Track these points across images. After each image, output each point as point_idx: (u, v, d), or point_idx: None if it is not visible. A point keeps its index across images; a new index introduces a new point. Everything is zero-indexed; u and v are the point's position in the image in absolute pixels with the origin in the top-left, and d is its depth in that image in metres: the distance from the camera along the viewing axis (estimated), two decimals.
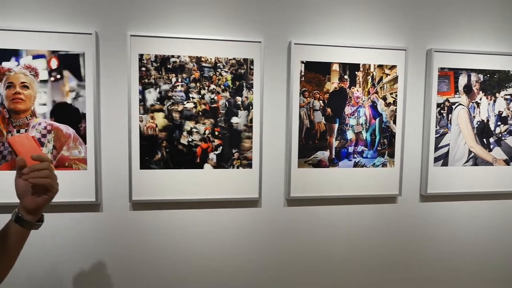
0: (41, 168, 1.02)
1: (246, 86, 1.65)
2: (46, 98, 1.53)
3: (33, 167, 1.01)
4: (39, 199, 1.03)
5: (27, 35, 1.49)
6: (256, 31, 1.66)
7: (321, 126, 1.73)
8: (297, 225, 1.77)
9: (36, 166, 1.01)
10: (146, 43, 1.56)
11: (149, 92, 1.59)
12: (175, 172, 1.63)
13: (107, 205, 1.62)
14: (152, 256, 1.66)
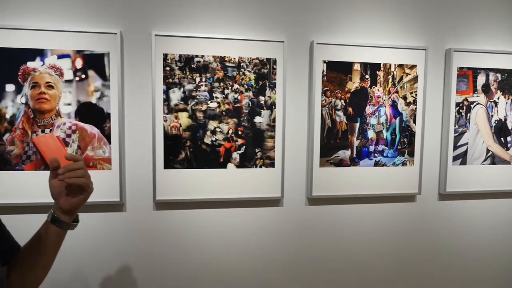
0: (76, 168, 1.01)
1: (269, 86, 1.66)
2: (71, 98, 1.52)
3: (67, 167, 1.01)
4: (74, 200, 1.02)
5: (52, 34, 1.48)
6: (279, 31, 1.66)
7: (343, 125, 1.74)
8: (318, 223, 1.78)
9: (70, 166, 1.01)
10: (170, 43, 1.56)
11: (173, 91, 1.59)
12: (198, 172, 1.63)
13: (131, 205, 1.62)
14: (176, 256, 1.66)
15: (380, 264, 1.85)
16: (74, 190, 1.01)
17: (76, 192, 1.02)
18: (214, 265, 1.70)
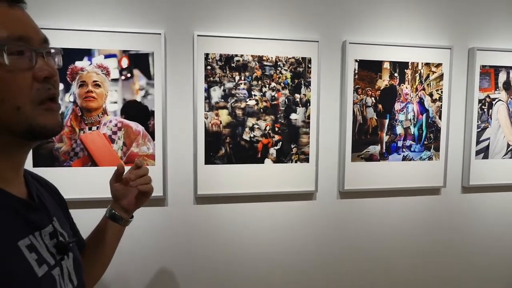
0: (144, 174, 1.06)
1: (304, 84, 1.72)
2: (117, 96, 1.57)
3: (137, 173, 1.05)
4: (139, 202, 1.08)
5: (99, 35, 1.53)
6: (313, 31, 1.73)
7: (373, 121, 1.81)
8: (349, 216, 1.85)
9: (140, 172, 1.05)
10: (211, 43, 1.62)
11: (214, 90, 1.64)
12: (237, 167, 1.69)
13: (172, 199, 1.67)
14: (215, 247, 1.72)
15: (407, 254, 1.93)
16: (139, 193, 1.07)
17: (140, 195, 1.07)
18: (251, 256, 1.76)
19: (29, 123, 0.62)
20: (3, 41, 0.59)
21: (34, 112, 0.63)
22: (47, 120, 0.65)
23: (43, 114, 0.64)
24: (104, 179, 1.57)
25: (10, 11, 0.62)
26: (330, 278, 1.85)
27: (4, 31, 0.60)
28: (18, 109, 0.61)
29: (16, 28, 0.62)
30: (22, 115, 0.61)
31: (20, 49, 0.61)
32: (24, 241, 0.64)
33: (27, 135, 0.64)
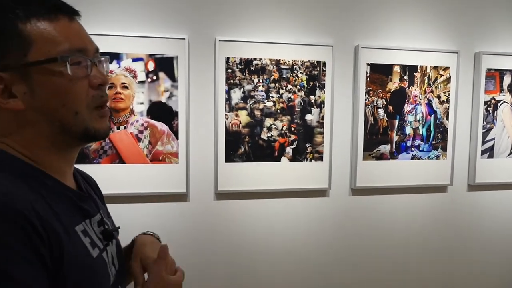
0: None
1: (318, 86, 1.82)
2: (143, 97, 1.67)
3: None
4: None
5: (127, 40, 1.63)
6: (328, 36, 1.82)
7: (383, 122, 1.90)
8: (361, 212, 1.94)
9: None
10: (232, 47, 1.72)
11: (234, 92, 1.74)
12: (255, 165, 1.78)
13: (194, 195, 1.76)
14: (234, 241, 1.82)
15: (415, 249, 2.02)
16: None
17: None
18: (266, 249, 1.85)
19: (85, 126, 0.70)
20: (66, 53, 0.66)
21: (90, 117, 0.70)
22: (100, 125, 0.73)
23: (97, 120, 0.72)
24: (130, 175, 1.67)
25: (71, 25, 0.70)
26: (343, 271, 1.94)
27: (67, 44, 0.67)
28: (76, 114, 0.68)
29: (76, 41, 0.69)
30: (79, 119, 0.69)
31: (79, 60, 0.68)
32: (79, 227, 0.73)
33: (82, 137, 0.72)
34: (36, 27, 0.64)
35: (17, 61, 0.63)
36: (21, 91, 0.64)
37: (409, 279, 2.02)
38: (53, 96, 0.66)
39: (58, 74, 0.65)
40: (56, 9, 0.67)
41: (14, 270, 0.55)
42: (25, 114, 0.66)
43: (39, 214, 0.60)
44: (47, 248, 0.60)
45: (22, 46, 0.63)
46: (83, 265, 0.68)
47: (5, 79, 0.63)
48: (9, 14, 0.63)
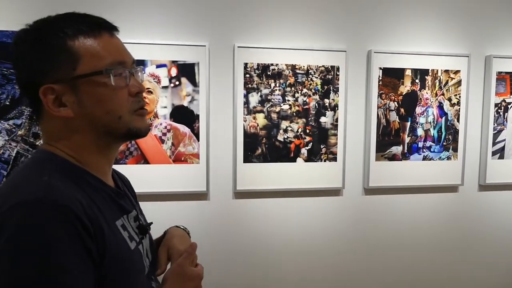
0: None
1: (333, 90, 1.89)
2: (167, 101, 1.77)
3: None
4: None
5: (152, 47, 1.73)
6: (341, 42, 1.90)
7: (395, 124, 1.97)
8: (373, 211, 2.01)
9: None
10: (250, 53, 1.81)
11: (252, 95, 1.83)
12: (272, 165, 1.87)
13: (214, 194, 1.86)
14: (251, 238, 1.90)
15: (426, 247, 2.08)
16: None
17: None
18: (282, 247, 1.93)
19: (128, 127, 0.79)
20: (110, 66, 0.75)
21: (131, 119, 0.79)
22: (141, 124, 0.82)
23: (137, 120, 0.81)
24: (154, 175, 1.77)
25: (111, 40, 0.78)
26: (356, 268, 2.01)
27: (110, 58, 0.75)
28: (119, 118, 0.77)
29: (117, 54, 0.77)
30: (122, 122, 0.78)
31: (120, 72, 0.77)
32: (119, 222, 0.81)
33: (125, 137, 0.82)
34: (83, 43, 0.73)
35: (67, 74, 0.71)
36: (71, 100, 0.73)
37: (420, 278, 2.08)
38: (98, 104, 0.75)
39: (102, 85, 0.74)
40: (98, 26, 0.76)
41: (67, 262, 0.62)
42: (73, 121, 0.74)
43: (86, 210, 0.67)
44: (93, 242, 0.67)
45: (72, 61, 0.72)
46: (124, 257, 0.76)
47: (56, 90, 0.71)
48: (60, 33, 0.72)
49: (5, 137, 1.69)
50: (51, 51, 0.71)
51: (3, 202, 0.63)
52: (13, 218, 0.61)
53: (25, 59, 0.73)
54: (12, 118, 1.69)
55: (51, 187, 0.66)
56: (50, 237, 0.61)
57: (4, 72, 1.67)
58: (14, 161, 1.70)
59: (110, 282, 0.70)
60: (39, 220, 0.61)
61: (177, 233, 1.06)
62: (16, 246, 0.59)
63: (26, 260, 0.59)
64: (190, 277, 0.89)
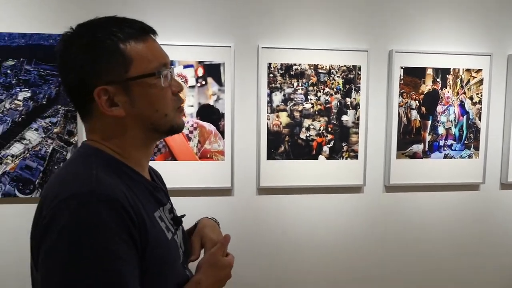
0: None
1: (354, 89, 1.93)
2: (193, 100, 1.84)
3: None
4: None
5: (180, 48, 1.80)
6: (363, 42, 1.93)
7: (416, 122, 2.00)
8: (394, 208, 2.04)
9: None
10: (273, 54, 1.86)
11: (275, 95, 1.88)
12: (294, 162, 1.92)
13: (238, 190, 1.92)
14: (274, 232, 1.96)
15: (447, 245, 2.10)
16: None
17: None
18: (303, 242, 1.98)
19: (171, 124, 0.85)
20: (159, 68, 0.80)
21: (174, 116, 0.85)
22: (180, 120, 0.88)
23: (178, 117, 0.87)
24: (181, 171, 1.84)
25: (154, 44, 0.84)
26: (375, 264, 2.05)
27: (157, 60, 0.81)
28: (166, 116, 0.83)
29: (161, 57, 0.83)
30: (167, 119, 0.83)
31: (166, 73, 0.82)
32: (157, 213, 0.87)
33: (168, 132, 0.87)
34: (134, 47, 0.77)
35: (120, 76, 0.76)
36: (122, 100, 0.77)
37: (441, 278, 2.10)
38: (149, 103, 0.80)
39: (153, 86, 0.79)
40: (144, 31, 0.81)
41: (119, 250, 0.66)
42: (124, 119, 0.79)
43: (130, 202, 0.72)
44: (137, 231, 0.71)
45: (124, 63, 0.76)
46: (162, 245, 0.80)
47: (109, 91, 0.76)
48: (113, 36, 0.76)
49: (41, 135, 1.79)
50: (104, 54, 0.76)
51: (55, 195, 0.68)
52: (67, 210, 0.65)
53: (76, 62, 0.76)
54: (48, 116, 1.79)
55: (99, 180, 0.70)
56: (103, 227, 0.65)
57: (41, 73, 1.76)
58: (50, 157, 1.80)
59: (151, 269, 0.75)
60: (91, 211, 0.65)
61: (209, 224, 1.11)
62: (72, 236, 0.64)
63: (82, 249, 0.63)
64: (222, 266, 0.93)
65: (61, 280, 0.63)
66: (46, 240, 0.65)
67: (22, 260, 1.77)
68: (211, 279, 0.89)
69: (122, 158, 0.82)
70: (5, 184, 1.77)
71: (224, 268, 0.93)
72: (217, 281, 0.91)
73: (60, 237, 0.64)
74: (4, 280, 1.80)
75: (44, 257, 0.65)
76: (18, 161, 1.78)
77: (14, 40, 1.73)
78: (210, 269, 0.91)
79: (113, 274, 0.65)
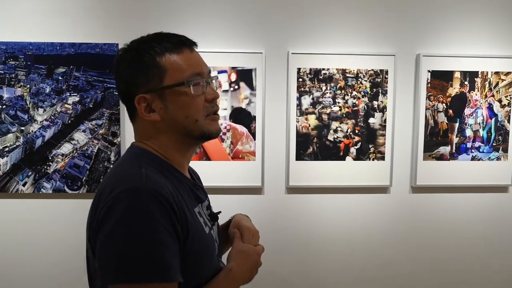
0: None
1: (381, 92, 1.99)
2: (227, 104, 1.95)
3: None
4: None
5: (214, 55, 1.91)
6: (390, 46, 1.99)
7: (444, 125, 2.03)
8: (420, 209, 2.08)
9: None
10: (303, 59, 1.94)
11: (304, 98, 1.97)
12: (322, 163, 2.00)
13: (268, 189, 2.02)
14: (302, 230, 2.05)
15: (473, 246, 2.12)
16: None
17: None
18: (331, 239, 2.06)
19: (201, 130, 0.91)
20: (190, 78, 0.88)
21: (205, 122, 0.92)
22: (213, 127, 0.95)
23: (210, 123, 0.94)
24: (215, 171, 1.96)
25: (191, 55, 0.92)
26: (402, 264, 2.10)
27: (190, 70, 0.88)
28: (196, 121, 0.90)
29: (196, 67, 0.91)
30: (198, 125, 0.90)
31: (198, 82, 0.89)
32: (196, 209, 0.95)
33: (199, 138, 0.95)
34: (169, 59, 0.86)
35: (156, 85, 0.86)
36: (158, 107, 0.87)
37: (468, 280, 2.13)
38: (180, 110, 0.88)
39: (184, 93, 0.87)
40: (181, 44, 0.90)
41: (165, 239, 0.75)
42: (160, 124, 0.89)
43: (174, 197, 0.81)
44: (179, 224, 0.80)
45: (160, 74, 0.86)
46: (201, 239, 0.89)
47: (147, 99, 0.86)
48: (151, 51, 0.86)
49: (88, 136, 1.95)
50: (144, 67, 0.86)
51: (112, 189, 0.79)
52: (122, 202, 0.75)
53: (123, 74, 0.89)
54: (94, 119, 1.95)
55: (148, 177, 0.80)
56: (152, 218, 0.75)
57: (89, 79, 1.92)
58: (96, 157, 1.96)
59: (190, 259, 0.83)
60: (143, 204, 0.76)
61: (244, 218, 1.19)
62: (125, 223, 0.74)
63: (134, 235, 0.74)
64: (252, 253, 0.99)
65: (117, 260, 0.74)
66: (104, 227, 0.76)
67: (70, 246, 1.95)
68: (242, 266, 0.95)
69: (165, 158, 0.91)
70: (55, 181, 1.94)
71: (253, 255, 0.98)
72: (248, 268, 0.96)
73: (116, 224, 0.74)
74: (57, 264, 1.98)
75: (102, 241, 0.76)
76: (68, 160, 1.95)
77: (65, 49, 1.90)
78: (240, 256, 0.97)
79: (157, 257, 0.74)
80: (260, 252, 1.01)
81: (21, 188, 1.93)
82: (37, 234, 1.96)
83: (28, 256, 1.97)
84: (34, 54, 1.89)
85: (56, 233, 1.97)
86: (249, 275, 0.97)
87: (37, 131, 1.92)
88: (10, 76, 1.90)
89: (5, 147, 1.92)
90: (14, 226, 1.96)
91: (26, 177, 1.93)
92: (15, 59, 1.89)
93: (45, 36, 1.89)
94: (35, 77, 1.91)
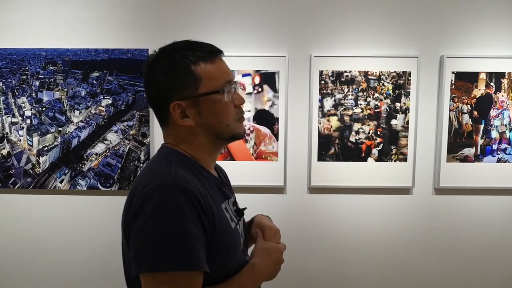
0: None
1: (404, 94, 2.00)
2: (250, 106, 2.02)
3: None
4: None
5: (239, 59, 1.98)
6: (413, 48, 1.99)
7: (468, 126, 2.02)
8: (444, 210, 2.07)
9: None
10: (325, 62, 1.98)
11: (326, 100, 2.00)
12: (344, 164, 2.03)
13: (290, 188, 2.07)
14: (323, 229, 2.08)
15: (500, 250, 2.09)
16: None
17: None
18: (352, 239, 2.09)
19: (233, 133, 0.99)
20: (223, 86, 0.95)
21: (235, 126, 1.00)
22: (241, 129, 1.03)
23: (239, 126, 1.02)
24: (239, 170, 2.03)
25: (221, 63, 0.99)
26: (424, 265, 2.10)
27: (222, 79, 0.95)
28: (228, 126, 0.97)
29: (226, 75, 0.98)
30: (229, 128, 0.98)
31: (229, 89, 0.97)
32: (223, 205, 1.01)
33: (230, 140, 1.02)
34: (203, 68, 0.92)
35: (191, 92, 0.92)
36: (193, 113, 0.93)
37: (493, 281, 2.10)
38: (214, 116, 0.95)
39: (218, 101, 0.93)
40: (212, 53, 0.96)
41: (193, 230, 0.82)
42: (194, 128, 0.95)
43: (202, 193, 0.87)
44: (206, 219, 0.86)
45: (195, 82, 0.91)
46: (227, 233, 0.95)
47: (182, 105, 0.92)
48: (186, 60, 0.92)
49: (120, 136, 2.06)
50: (179, 75, 0.92)
51: (145, 185, 0.86)
52: (153, 197, 0.83)
53: (157, 81, 0.94)
54: (125, 120, 2.06)
55: (178, 174, 0.87)
56: (181, 211, 0.82)
57: (121, 83, 2.04)
58: (127, 156, 2.07)
59: (216, 252, 0.90)
60: (172, 198, 0.82)
61: (264, 218, 1.25)
62: (158, 216, 0.81)
63: (165, 227, 0.81)
64: (274, 250, 1.04)
65: (149, 250, 0.81)
66: (137, 220, 0.84)
67: (104, 240, 2.07)
68: (264, 262, 1.00)
69: (194, 158, 0.98)
70: (90, 178, 2.07)
71: (276, 252, 1.03)
72: (270, 264, 1.01)
73: (149, 216, 0.81)
74: (94, 255, 2.11)
75: (136, 233, 0.83)
76: (101, 159, 2.07)
77: (99, 54, 2.02)
78: (263, 253, 1.02)
79: (186, 247, 0.81)
80: (282, 250, 1.06)
81: (58, 185, 2.07)
82: (75, 227, 2.10)
83: (63, 250, 2.11)
84: (71, 60, 2.02)
85: (91, 227, 2.09)
86: (272, 272, 1.02)
87: (73, 131, 2.06)
88: (49, 81, 2.04)
89: (44, 146, 2.06)
90: (54, 220, 2.10)
91: (63, 175, 2.07)
92: (54, 65, 2.03)
93: (81, 43, 2.01)
94: (72, 81, 2.04)
